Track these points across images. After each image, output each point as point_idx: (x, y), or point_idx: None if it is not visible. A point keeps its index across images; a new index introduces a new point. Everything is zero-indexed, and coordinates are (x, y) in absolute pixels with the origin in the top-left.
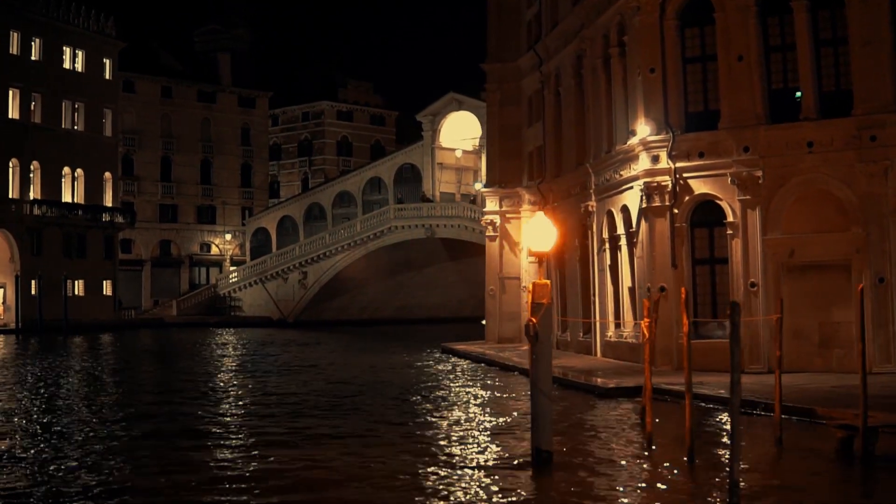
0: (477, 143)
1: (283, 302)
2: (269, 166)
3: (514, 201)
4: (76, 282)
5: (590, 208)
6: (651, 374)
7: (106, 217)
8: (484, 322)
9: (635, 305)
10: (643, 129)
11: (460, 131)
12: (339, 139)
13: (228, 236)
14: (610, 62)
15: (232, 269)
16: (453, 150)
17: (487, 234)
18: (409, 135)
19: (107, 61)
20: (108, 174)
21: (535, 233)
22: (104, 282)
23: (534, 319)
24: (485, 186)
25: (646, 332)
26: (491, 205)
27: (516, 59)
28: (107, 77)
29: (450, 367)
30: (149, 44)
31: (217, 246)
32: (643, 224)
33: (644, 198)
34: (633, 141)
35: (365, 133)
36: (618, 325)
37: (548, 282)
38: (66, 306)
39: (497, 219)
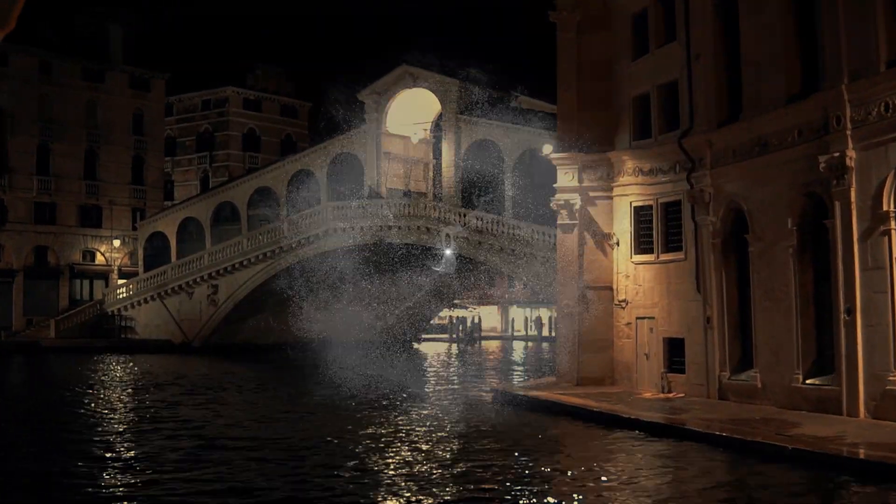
0: (429, 131)
1: (188, 322)
2: (164, 162)
3: (604, 172)
4: None
5: (847, 161)
6: None
7: None
8: (417, 346)
9: None
10: None
11: (411, 114)
12: (246, 131)
13: (117, 242)
14: None
15: (121, 281)
16: (403, 137)
17: (560, 221)
18: (322, 129)
19: None
20: None
21: None
22: None
23: None
24: (556, 151)
25: None
26: (565, 179)
27: None
28: None
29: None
30: (24, 12)
31: (103, 254)
32: None
33: None
34: None
35: (274, 126)
36: None
37: None
38: None
39: (576, 199)
